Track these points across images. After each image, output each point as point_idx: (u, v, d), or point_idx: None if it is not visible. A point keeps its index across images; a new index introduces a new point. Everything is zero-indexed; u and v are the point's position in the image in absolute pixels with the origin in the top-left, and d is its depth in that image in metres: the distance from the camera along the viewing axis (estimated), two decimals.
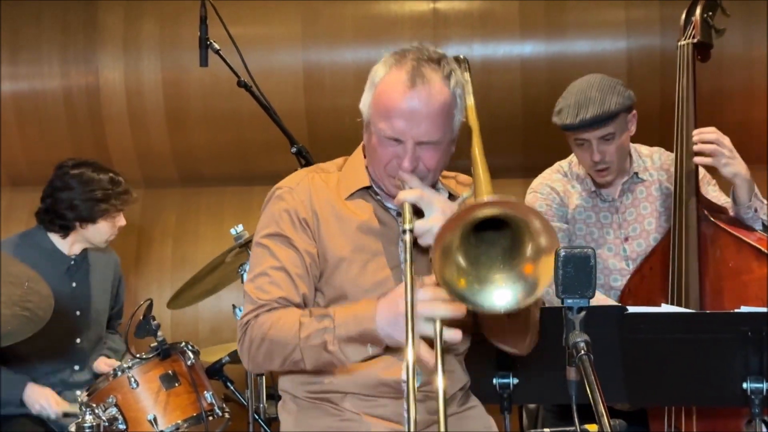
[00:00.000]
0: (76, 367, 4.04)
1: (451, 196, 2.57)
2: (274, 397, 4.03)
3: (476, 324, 2.51)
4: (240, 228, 3.71)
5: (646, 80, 4.87)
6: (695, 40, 3.44)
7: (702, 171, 3.46)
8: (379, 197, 2.56)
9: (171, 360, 3.52)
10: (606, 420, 1.60)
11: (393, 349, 2.37)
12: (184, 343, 3.60)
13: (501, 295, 2.10)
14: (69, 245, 4.04)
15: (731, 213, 3.33)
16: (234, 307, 3.71)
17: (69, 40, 5.23)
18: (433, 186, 2.53)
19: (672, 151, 3.45)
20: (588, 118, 3.33)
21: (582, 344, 1.72)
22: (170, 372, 3.51)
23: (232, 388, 3.80)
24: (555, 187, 3.61)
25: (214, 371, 3.77)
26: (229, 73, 4.87)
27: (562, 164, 3.69)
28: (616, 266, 3.50)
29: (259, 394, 3.93)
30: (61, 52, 5.23)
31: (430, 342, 2.20)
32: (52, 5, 5.24)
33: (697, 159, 3.27)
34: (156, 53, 5.21)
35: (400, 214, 2.45)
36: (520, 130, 5.16)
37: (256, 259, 2.54)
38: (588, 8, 5.09)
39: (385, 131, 2.42)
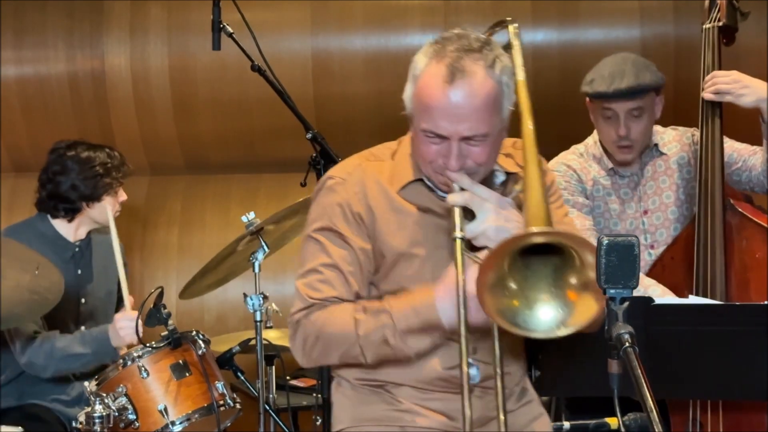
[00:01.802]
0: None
1: (509, 176, 2.49)
2: (284, 387, 4.00)
3: None
4: (251, 215, 3.65)
5: (659, 68, 4.76)
6: (720, 23, 3.40)
7: None
8: (432, 187, 2.46)
9: (182, 349, 3.47)
10: (655, 416, 1.54)
11: (451, 344, 2.35)
12: (195, 332, 3.55)
13: (545, 316, 2.10)
14: (74, 230, 4.00)
15: (764, 138, 3.29)
16: (245, 295, 3.65)
17: (75, 25, 5.15)
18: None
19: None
20: (623, 87, 3.36)
21: (626, 336, 1.67)
22: (181, 361, 3.46)
23: (242, 378, 3.75)
24: (571, 165, 3.62)
25: (224, 361, 3.72)
26: (238, 59, 4.80)
27: (578, 147, 3.72)
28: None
29: (268, 385, 3.88)
30: (67, 36, 5.15)
31: None
32: None
33: (709, 96, 3.33)
34: (163, 38, 5.13)
35: None
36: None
37: (308, 253, 2.47)
38: None
39: (428, 129, 2.32)
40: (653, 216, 3.53)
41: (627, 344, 1.66)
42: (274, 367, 3.94)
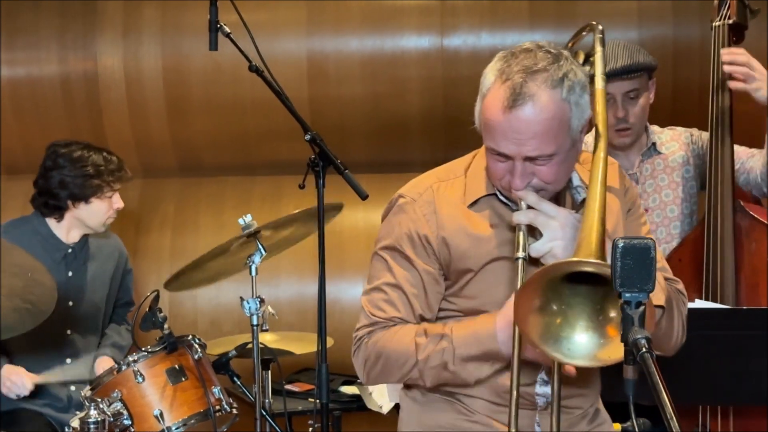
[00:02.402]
0: (68, 361, 3.97)
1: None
2: (280, 392, 3.96)
3: None
4: (248, 218, 3.59)
5: (658, 70, 4.74)
6: (731, 21, 3.36)
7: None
8: (505, 201, 2.42)
9: (178, 354, 3.43)
10: (675, 423, 1.50)
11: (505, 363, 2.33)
12: (191, 336, 3.50)
13: (582, 346, 2.09)
14: (66, 231, 3.97)
15: (765, 143, 3.26)
16: (242, 299, 3.60)
17: (67, 25, 5.10)
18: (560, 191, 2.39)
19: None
20: (618, 67, 3.42)
21: (643, 341, 1.62)
22: (177, 366, 3.41)
23: (239, 383, 3.70)
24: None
25: (220, 365, 3.67)
26: (232, 60, 4.75)
27: None
28: None
29: (264, 390, 3.84)
30: (59, 37, 5.10)
31: None
32: None
33: (731, 83, 3.27)
34: (157, 39, 5.08)
35: None
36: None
37: (374, 270, 2.48)
38: None
39: (492, 147, 2.29)
40: (653, 214, 3.53)
41: (644, 349, 1.61)
42: (270, 371, 3.89)
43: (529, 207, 2.29)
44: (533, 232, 2.28)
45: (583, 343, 2.09)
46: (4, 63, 5.07)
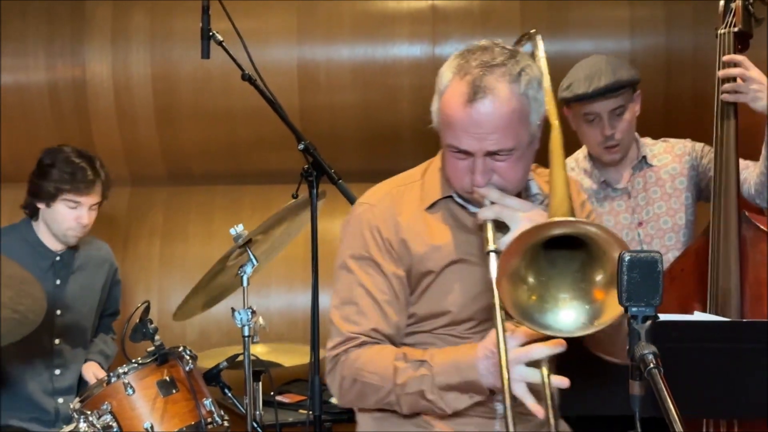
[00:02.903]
0: (57, 372, 3.93)
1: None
2: (271, 404, 3.92)
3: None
4: (240, 228, 3.55)
5: (650, 80, 4.77)
6: (736, 29, 3.32)
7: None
8: (463, 204, 2.42)
9: (168, 365, 3.39)
10: None
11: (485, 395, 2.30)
12: (182, 348, 3.46)
13: (568, 317, 2.05)
14: (53, 238, 3.92)
15: (764, 148, 3.25)
16: (233, 310, 3.56)
17: (55, 32, 5.05)
18: (519, 194, 2.39)
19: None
20: (602, 86, 3.37)
21: (650, 357, 1.59)
22: (168, 378, 3.37)
23: (230, 394, 3.66)
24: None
25: (211, 377, 3.63)
26: (222, 68, 4.73)
27: (568, 161, 3.65)
28: None
29: (255, 401, 3.80)
30: (47, 44, 5.05)
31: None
32: None
33: (723, 96, 3.26)
34: (146, 46, 5.04)
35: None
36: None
37: (341, 283, 2.43)
38: (591, 6, 5.00)
39: (452, 144, 2.29)
40: (648, 226, 3.51)
41: (652, 365, 1.58)
42: (260, 383, 3.85)
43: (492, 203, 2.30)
44: (499, 227, 2.27)
45: (571, 314, 2.07)
46: None
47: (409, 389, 2.28)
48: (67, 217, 3.87)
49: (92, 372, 3.89)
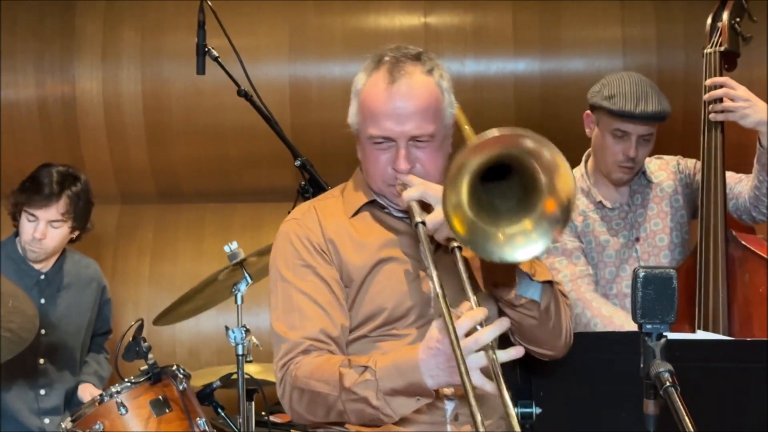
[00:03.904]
0: (42, 392, 3.88)
1: None
2: (262, 423, 3.88)
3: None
4: (234, 245, 3.53)
5: None
6: (722, 48, 3.33)
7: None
8: (386, 209, 2.47)
9: (162, 384, 3.33)
10: None
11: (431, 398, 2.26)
12: (175, 367, 3.42)
13: (531, 241, 2.08)
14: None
15: (756, 162, 3.25)
16: (227, 328, 3.53)
17: (45, 48, 5.03)
18: None
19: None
20: (650, 111, 3.33)
21: (667, 375, 1.57)
22: (161, 397, 3.32)
23: (223, 414, 3.62)
24: None
25: (204, 396, 3.58)
26: (213, 85, 4.75)
27: None
28: (626, 271, 3.45)
29: (248, 421, 3.76)
30: (37, 60, 5.03)
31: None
32: (28, 12, 5.04)
33: (712, 116, 3.27)
34: (136, 63, 5.02)
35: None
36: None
37: (279, 296, 2.42)
38: (583, 25, 5.01)
39: (375, 134, 2.35)
40: (645, 243, 3.49)
41: (668, 383, 1.56)
42: (253, 402, 3.81)
43: None
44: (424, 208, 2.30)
45: (534, 232, 2.09)
46: None
47: (353, 395, 2.24)
48: (26, 231, 3.83)
49: (89, 393, 3.84)
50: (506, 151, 2.06)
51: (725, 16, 3.36)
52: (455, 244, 2.19)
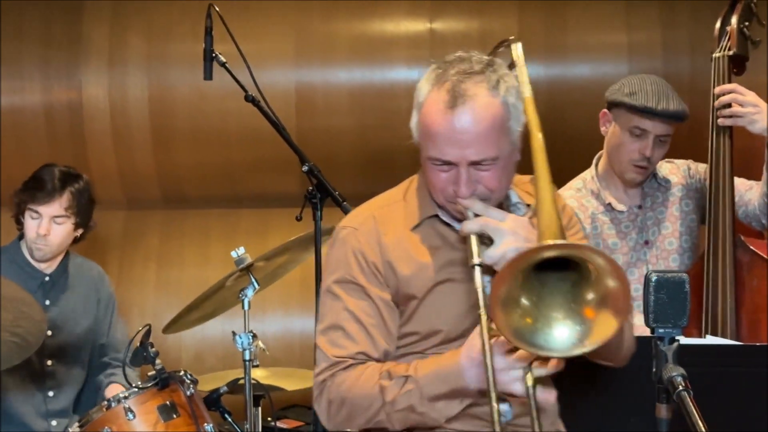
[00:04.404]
0: (50, 394, 3.88)
1: (530, 208, 2.41)
2: (269, 429, 3.88)
3: None
4: (241, 251, 3.52)
5: None
6: (731, 53, 3.33)
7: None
8: (447, 221, 2.39)
9: (169, 390, 3.33)
10: None
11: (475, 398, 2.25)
12: (183, 372, 3.42)
13: (561, 335, 2.01)
14: None
15: (765, 170, 3.25)
16: (234, 334, 3.53)
17: (51, 54, 5.04)
18: (500, 204, 2.36)
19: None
20: (671, 109, 3.34)
21: (679, 379, 1.57)
22: (168, 402, 3.31)
23: (230, 419, 3.61)
24: (568, 204, 3.54)
25: (211, 402, 3.58)
26: (218, 92, 4.75)
27: (574, 182, 3.66)
28: (635, 274, 3.44)
29: (255, 427, 3.76)
30: (43, 66, 5.04)
31: None
32: (34, 18, 5.05)
33: (721, 121, 3.28)
34: (142, 69, 5.03)
35: None
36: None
37: (327, 308, 2.39)
38: (589, 31, 5.01)
39: (434, 156, 2.26)
40: (654, 247, 3.49)
41: (681, 387, 1.56)
42: (260, 408, 3.81)
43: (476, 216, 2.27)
44: (484, 240, 2.24)
45: (566, 333, 2.03)
46: None
47: (398, 406, 2.24)
48: (31, 229, 3.84)
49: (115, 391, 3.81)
50: (570, 254, 2.01)
51: (734, 20, 3.37)
52: None
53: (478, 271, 2.18)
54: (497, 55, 2.56)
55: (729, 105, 3.28)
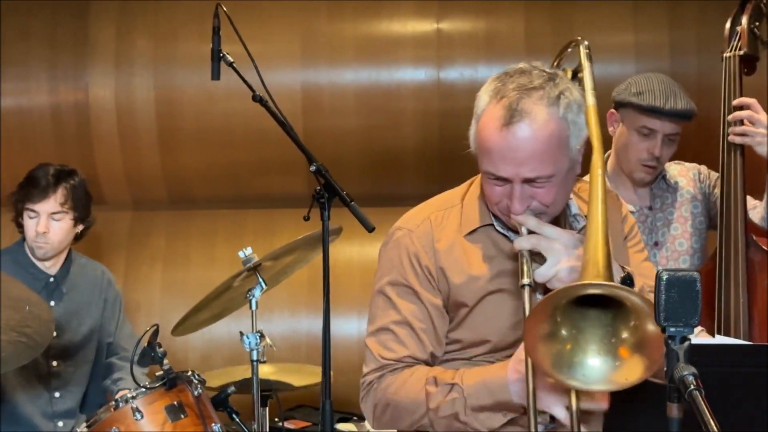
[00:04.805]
0: (56, 394, 3.89)
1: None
2: (276, 430, 3.88)
3: None
4: (249, 251, 3.51)
5: None
6: (741, 53, 3.32)
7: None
8: (503, 232, 2.37)
9: (177, 390, 3.34)
10: None
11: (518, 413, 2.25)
12: (190, 372, 3.42)
13: (593, 369, 2.02)
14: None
15: (765, 201, 3.23)
16: (241, 334, 3.52)
17: (58, 56, 5.04)
18: (558, 216, 2.34)
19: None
20: (679, 108, 3.35)
21: (691, 378, 1.56)
22: (176, 403, 3.32)
23: (238, 420, 3.61)
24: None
25: (219, 402, 3.57)
26: (224, 92, 4.76)
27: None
28: None
29: (263, 427, 3.75)
30: (50, 67, 5.04)
31: None
32: (41, 19, 5.06)
33: (731, 138, 3.28)
34: (148, 70, 5.03)
35: None
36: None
37: (377, 309, 2.40)
38: (596, 32, 4.98)
39: (489, 170, 2.24)
40: (663, 248, 3.48)
41: (692, 386, 1.55)
42: (267, 408, 3.81)
43: (530, 232, 2.24)
44: (536, 257, 2.23)
45: (597, 367, 2.02)
46: None
47: (442, 413, 2.26)
48: (30, 228, 3.86)
49: None
50: (611, 293, 1.98)
51: (744, 20, 3.36)
52: None
53: (527, 291, 2.17)
54: (564, 57, 2.54)
55: (742, 122, 3.28)
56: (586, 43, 2.50)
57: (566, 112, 2.20)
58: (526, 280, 2.17)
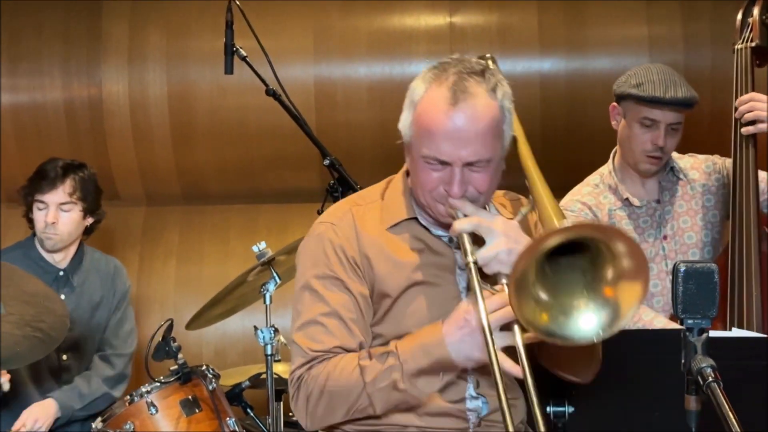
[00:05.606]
0: (65, 388, 3.87)
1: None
2: (296, 425, 3.87)
3: (533, 351, 2.31)
4: (263, 245, 3.52)
5: None
6: (753, 44, 3.31)
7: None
8: (425, 225, 2.38)
9: (192, 384, 3.35)
10: None
11: (454, 373, 2.26)
12: (205, 366, 3.42)
13: (588, 322, 1.99)
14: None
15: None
16: (256, 328, 3.53)
17: (71, 51, 5.06)
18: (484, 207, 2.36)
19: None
20: (679, 97, 3.33)
21: (709, 370, 1.55)
22: (191, 397, 3.34)
23: (252, 414, 3.62)
24: (586, 201, 3.54)
25: (233, 396, 3.59)
26: (237, 87, 4.76)
27: (592, 178, 3.63)
28: (653, 270, 3.41)
29: (277, 421, 3.76)
30: (63, 63, 5.05)
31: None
32: (54, 15, 5.07)
33: (743, 130, 3.26)
34: (162, 65, 5.04)
35: (451, 240, 2.33)
36: (539, 148, 5.01)
37: (304, 304, 2.36)
38: (609, 24, 4.98)
39: (429, 154, 2.24)
40: (672, 241, 3.46)
41: (710, 379, 1.54)
42: (282, 402, 3.81)
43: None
44: (476, 241, 2.25)
45: (590, 319, 2.02)
46: (6, 89, 5.02)
47: (380, 384, 2.23)
48: (39, 220, 3.88)
49: (34, 416, 3.73)
50: (580, 235, 2.01)
51: (756, 11, 3.35)
52: (504, 281, 2.17)
53: (474, 268, 2.17)
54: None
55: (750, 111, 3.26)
56: (493, 58, 2.55)
57: (503, 99, 2.26)
58: (471, 258, 2.18)
